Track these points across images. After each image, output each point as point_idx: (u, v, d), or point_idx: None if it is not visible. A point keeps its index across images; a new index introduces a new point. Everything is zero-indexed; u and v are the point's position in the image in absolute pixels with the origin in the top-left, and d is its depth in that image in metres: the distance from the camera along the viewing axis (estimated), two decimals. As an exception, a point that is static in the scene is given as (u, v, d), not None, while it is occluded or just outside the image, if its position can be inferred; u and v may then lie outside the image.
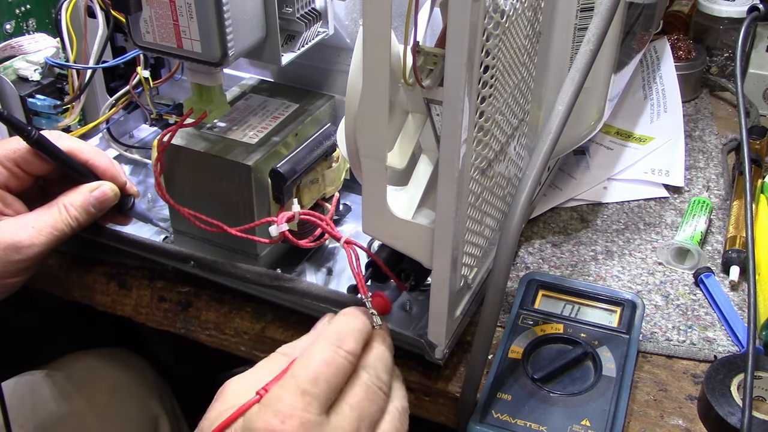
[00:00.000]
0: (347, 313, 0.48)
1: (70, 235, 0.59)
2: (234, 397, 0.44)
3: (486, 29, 0.44)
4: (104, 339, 0.88)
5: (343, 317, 0.47)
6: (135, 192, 0.63)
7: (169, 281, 0.65)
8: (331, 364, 0.43)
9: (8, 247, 0.56)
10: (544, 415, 0.51)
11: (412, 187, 0.52)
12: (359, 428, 0.43)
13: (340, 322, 0.47)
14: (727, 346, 0.60)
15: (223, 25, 0.52)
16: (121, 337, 0.90)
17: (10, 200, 0.59)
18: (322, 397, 0.42)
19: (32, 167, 0.59)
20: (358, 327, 0.46)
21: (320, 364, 0.43)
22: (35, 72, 0.65)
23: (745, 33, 0.76)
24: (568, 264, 0.67)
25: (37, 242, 0.56)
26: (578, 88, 0.49)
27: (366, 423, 0.44)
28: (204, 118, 0.59)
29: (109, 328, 0.84)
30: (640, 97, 0.88)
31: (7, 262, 0.56)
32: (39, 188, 0.62)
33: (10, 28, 0.66)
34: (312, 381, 0.42)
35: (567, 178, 0.77)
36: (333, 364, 0.43)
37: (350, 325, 0.46)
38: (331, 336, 0.45)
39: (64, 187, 0.59)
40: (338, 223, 0.69)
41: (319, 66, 0.67)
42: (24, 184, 0.60)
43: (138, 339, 0.96)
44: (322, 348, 0.44)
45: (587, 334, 0.56)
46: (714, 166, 0.81)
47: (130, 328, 0.79)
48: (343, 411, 0.43)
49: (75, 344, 0.83)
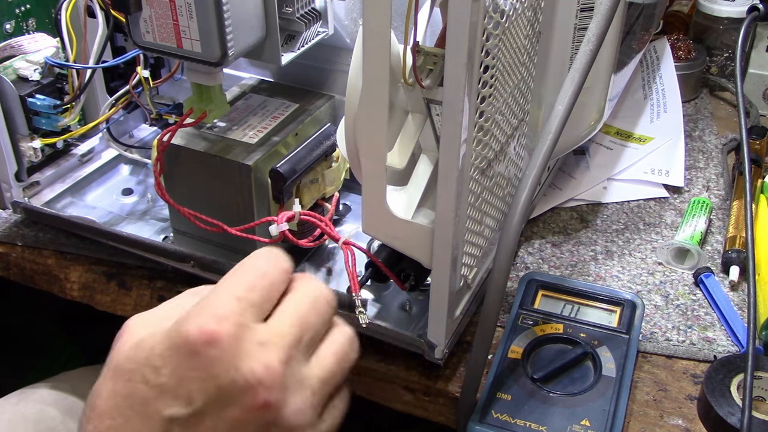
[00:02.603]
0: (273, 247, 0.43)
1: None
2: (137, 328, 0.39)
3: (486, 29, 0.44)
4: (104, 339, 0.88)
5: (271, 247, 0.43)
6: None
7: (169, 281, 0.65)
8: (266, 276, 0.39)
9: None
10: (543, 415, 0.51)
11: (412, 187, 0.52)
12: (300, 339, 0.39)
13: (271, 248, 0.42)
14: (726, 346, 0.60)
15: (223, 25, 0.52)
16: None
17: None
18: (257, 304, 0.38)
19: None
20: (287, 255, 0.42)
21: (255, 275, 0.39)
22: (35, 72, 0.65)
23: (745, 33, 0.76)
24: (567, 264, 0.67)
25: None
26: (578, 88, 0.49)
27: (310, 334, 0.39)
28: (204, 118, 0.59)
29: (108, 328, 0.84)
30: (640, 97, 0.88)
31: None
32: None
33: (10, 27, 0.66)
34: (247, 288, 0.38)
35: (567, 178, 0.77)
36: (268, 277, 0.39)
37: (280, 250, 0.42)
38: (264, 253, 0.41)
39: None
40: (338, 223, 0.69)
41: (319, 66, 0.67)
42: None
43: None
44: (255, 261, 0.40)
45: (587, 334, 0.56)
46: (714, 166, 0.81)
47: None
48: (281, 318, 0.39)
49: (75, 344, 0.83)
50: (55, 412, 0.69)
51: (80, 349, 1.00)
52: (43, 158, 0.69)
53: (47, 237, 0.69)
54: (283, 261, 0.41)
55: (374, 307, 0.60)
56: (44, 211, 0.68)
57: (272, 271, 0.40)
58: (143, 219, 0.70)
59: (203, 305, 0.38)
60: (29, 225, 0.70)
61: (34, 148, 0.67)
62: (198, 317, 0.37)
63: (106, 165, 0.75)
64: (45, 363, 0.97)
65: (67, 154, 0.73)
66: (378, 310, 0.60)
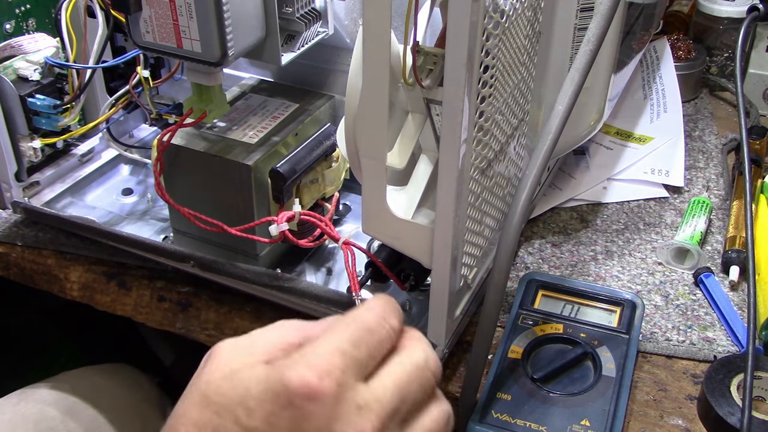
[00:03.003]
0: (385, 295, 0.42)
1: None
2: (230, 355, 0.38)
3: (486, 29, 0.44)
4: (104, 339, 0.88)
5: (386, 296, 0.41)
6: None
7: (169, 281, 0.65)
8: (374, 332, 0.38)
9: None
10: (543, 415, 0.51)
11: (412, 187, 0.52)
12: (399, 408, 0.37)
13: (383, 298, 0.41)
14: (726, 346, 0.60)
15: (223, 25, 0.52)
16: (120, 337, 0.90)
17: None
18: (362, 362, 0.37)
19: None
20: (398, 307, 0.41)
21: (363, 329, 0.38)
22: (35, 72, 0.65)
23: (745, 33, 0.76)
24: (567, 264, 0.67)
25: None
26: (578, 88, 0.49)
27: (408, 405, 0.38)
28: (204, 118, 0.59)
29: (108, 328, 0.84)
30: (640, 97, 0.88)
31: None
32: None
33: (10, 27, 0.66)
34: (353, 343, 0.37)
35: (567, 178, 0.77)
36: (377, 334, 0.38)
37: (393, 302, 0.41)
38: (375, 306, 0.40)
39: None
40: (338, 223, 0.69)
41: (319, 66, 0.67)
42: None
43: (138, 339, 0.96)
44: (364, 314, 0.39)
45: (587, 334, 0.56)
46: (714, 166, 0.81)
47: (129, 328, 0.79)
48: (383, 382, 0.37)
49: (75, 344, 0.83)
50: (55, 412, 0.69)
51: (80, 349, 1.00)
52: (43, 158, 0.69)
53: (47, 237, 0.69)
54: (394, 317, 0.40)
55: (374, 307, 0.60)
56: (44, 211, 0.68)
57: (382, 327, 0.39)
58: (143, 219, 0.70)
59: (307, 354, 0.37)
60: (29, 225, 0.70)
61: (34, 148, 0.67)
62: (301, 367, 0.36)
63: (106, 165, 0.75)
64: (45, 363, 0.97)
65: (67, 154, 0.73)
66: (378, 310, 0.60)
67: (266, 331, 0.40)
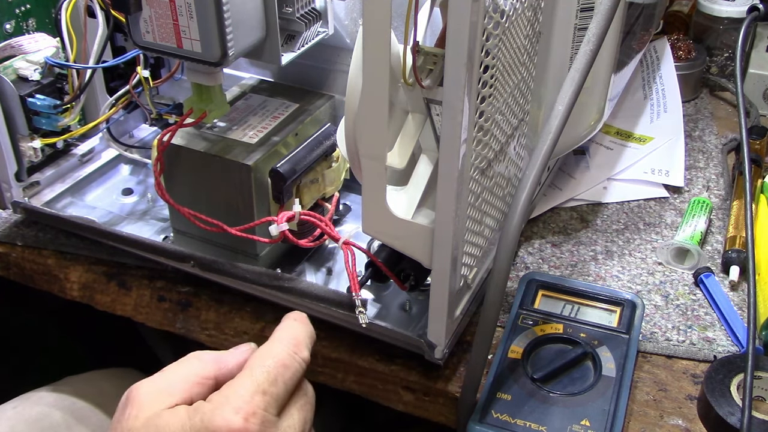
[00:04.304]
0: (299, 320, 0.47)
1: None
2: (148, 399, 0.42)
3: (486, 29, 0.44)
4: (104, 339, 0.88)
5: (295, 323, 0.47)
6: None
7: (169, 281, 0.65)
8: (288, 367, 0.44)
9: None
10: (543, 415, 0.51)
11: (412, 187, 0.52)
12: (304, 431, 0.44)
13: (295, 328, 0.46)
14: (726, 346, 0.60)
15: (223, 25, 0.52)
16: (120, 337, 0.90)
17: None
18: (279, 398, 0.43)
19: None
20: (310, 335, 0.47)
21: (279, 366, 0.43)
22: (35, 72, 0.65)
23: (745, 33, 0.76)
24: (567, 264, 0.67)
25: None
26: (578, 88, 0.49)
27: (308, 426, 0.45)
28: (204, 118, 0.59)
29: (108, 328, 0.84)
30: (640, 97, 0.88)
31: None
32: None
33: (10, 27, 0.66)
34: (272, 381, 0.42)
35: (567, 178, 0.77)
36: (290, 369, 0.44)
37: (305, 332, 0.46)
38: (289, 340, 0.45)
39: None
40: (338, 223, 0.69)
41: (319, 66, 0.67)
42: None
43: (138, 339, 0.96)
44: (280, 351, 0.44)
45: (587, 334, 0.56)
46: (714, 166, 0.81)
47: (129, 328, 0.79)
48: (292, 414, 0.44)
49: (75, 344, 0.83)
50: (57, 415, 0.69)
51: (80, 350, 1.00)
52: (43, 158, 0.69)
53: (47, 237, 0.69)
54: (304, 348, 0.45)
55: (374, 307, 0.60)
56: (44, 211, 0.68)
57: (294, 361, 0.44)
58: (143, 219, 0.70)
59: (229, 396, 0.41)
60: (29, 225, 0.70)
61: (34, 148, 0.67)
62: (226, 410, 0.40)
63: (106, 165, 0.75)
64: (45, 363, 0.97)
65: (67, 154, 0.73)
66: (378, 310, 0.60)
67: (180, 366, 0.44)
